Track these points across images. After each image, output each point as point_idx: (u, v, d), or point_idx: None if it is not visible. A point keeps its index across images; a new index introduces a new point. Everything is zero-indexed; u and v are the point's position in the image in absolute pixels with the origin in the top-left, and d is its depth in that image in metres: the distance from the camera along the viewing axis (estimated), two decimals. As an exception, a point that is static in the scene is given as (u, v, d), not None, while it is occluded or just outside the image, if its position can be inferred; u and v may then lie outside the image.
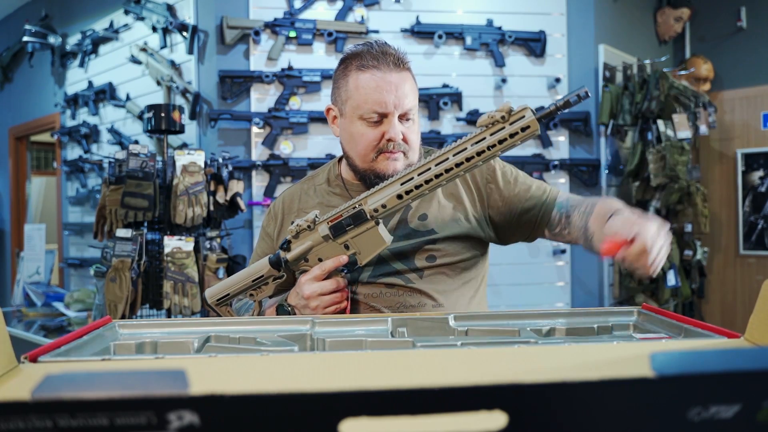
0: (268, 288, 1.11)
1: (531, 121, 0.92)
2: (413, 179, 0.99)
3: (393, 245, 1.15)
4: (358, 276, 1.15)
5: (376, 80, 1.10)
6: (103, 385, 0.28)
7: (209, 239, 2.41)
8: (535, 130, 0.92)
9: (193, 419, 0.29)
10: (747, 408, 0.35)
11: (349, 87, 1.14)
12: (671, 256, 3.32)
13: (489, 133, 0.94)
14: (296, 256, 1.07)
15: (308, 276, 1.05)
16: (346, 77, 1.15)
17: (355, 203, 1.03)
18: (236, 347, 0.84)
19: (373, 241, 1.04)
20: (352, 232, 1.04)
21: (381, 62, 1.11)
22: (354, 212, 1.03)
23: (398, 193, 1.00)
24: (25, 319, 3.20)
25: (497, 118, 0.93)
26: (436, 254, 1.14)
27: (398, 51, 1.14)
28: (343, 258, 1.04)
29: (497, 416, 0.34)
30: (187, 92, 2.97)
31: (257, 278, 1.09)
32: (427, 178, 0.98)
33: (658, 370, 0.33)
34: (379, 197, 1.02)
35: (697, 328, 0.79)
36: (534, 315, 0.95)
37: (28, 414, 0.27)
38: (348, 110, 1.15)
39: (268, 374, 0.54)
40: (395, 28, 3.04)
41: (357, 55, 1.14)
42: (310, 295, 1.03)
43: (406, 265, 1.14)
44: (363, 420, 0.32)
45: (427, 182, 0.98)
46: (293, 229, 1.06)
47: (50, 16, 4.18)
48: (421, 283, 1.14)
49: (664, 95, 3.29)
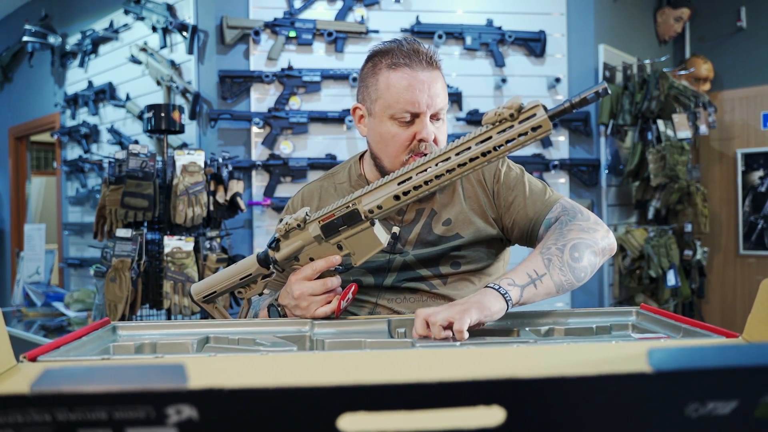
0: (257, 286, 1.06)
1: (543, 120, 0.82)
2: (411, 179, 0.91)
3: (418, 251, 1.13)
4: (382, 281, 1.13)
5: (408, 79, 1.06)
6: (102, 379, 0.28)
7: (209, 239, 2.41)
8: (547, 130, 0.83)
9: (191, 413, 0.29)
10: (744, 404, 0.36)
11: (379, 86, 1.10)
12: (671, 256, 3.32)
13: (496, 131, 0.85)
14: (285, 256, 1.01)
15: (299, 276, 0.99)
16: (375, 75, 1.11)
17: (348, 202, 0.96)
18: (235, 348, 0.84)
19: (368, 242, 0.97)
20: (345, 233, 0.97)
21: (413, 60, 1.07)
22: (347, 212, 0.96)
23: (395, 193, 0.92)
24: (25, 319, 3.20)
25: (506, 115, 0.84)
26: (460, 261, 1.13)
27: (429, 49, 1.11)
28: (336, 258, 0.98)
29: (495, 411, 0.34)
30: (187, 92, 2.97)
31: (245, 277, 1.05)
32: (427, 178, 0.90)
33: (655, 366, 0.33)
34: (375, 197, 0.94)
35: (695, 327, 0.79)
36: (533, 315, 0.95)
37: (26, 408, 0.27)
38: (378, 110, 1.11)
39: (267, 371, 0.54)
40: (395, 28, 3.04)
41: (387, 52, 1.10)
42: (299, 295, 0.98)
43: (431, 271, 1.12)
44: (361, 415, 0.32)
45: (426, 183, 0.91)
46: (282, 228, 1.00)
47: (50, 16, 4.18)
48: (445, 289, 1.13)
49: (664, 95, 3.29)
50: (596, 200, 3.19)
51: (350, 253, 0.99)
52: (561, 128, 3.14)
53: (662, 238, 3.32)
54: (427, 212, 1.17)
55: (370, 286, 1.13)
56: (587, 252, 1.01)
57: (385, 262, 1.13)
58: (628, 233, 3.31)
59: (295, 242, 1.00)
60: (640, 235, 3.31)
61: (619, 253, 3.30)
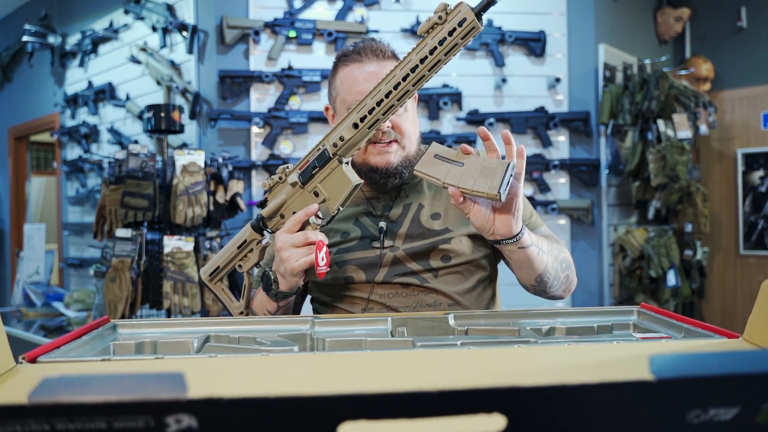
0: (253, 255, 1.10)
1: (466, 12, 0.87)
2: (366, 104, 0.97)
3: (408, 245, 1.14)
4: (374, 277, 1.13)
5: (356, 72, 1.12)
6: (101, 388, 0.28)
7: (209, 239, 2.41)
8: (472, 23, 0.87)
9: (191, 423, 0.29)
10: (746, 410, 0.35)
11: (336, 83, 1.16)
12: (671, 256, 3.32)
13: (430, 37, 0.91)
14: (271, 211, 1.06)
15: (282, 229, 1.03)
16: (334, 75, 1.18)
17: (319, 145, 1.02)
18: (236, 347, 0.83)
19: (339, 182, 1.01)
20: (319, 176, 1.02)
21: (362, 55, 1.13)
22: (318, 154, 1.02)
23: (354, 121, 0.98)
24: (24, 319, 3.20)
25: (434, 19, 0.90)
26: (451, 254, 1.14)
27: (382, 43, 1.16)
28: (313, 207, 1.02)
29: (496, 419, 0.34)
30: (186, 92, 2.97)
31: (241, 244, 1.10)
32: (378, 99, 0.95)
33: (657, 374, 0.33)
34: (337, 132, 1.00)
35: (696, 327, 0.79)
36: (534, 314, 0.95)
37: (25, 418, 0.27)
38: (338, 105, 1.16)
39: (267, 376, 0.54)
40: (395, 28, 3.04)
41: (344, 53, 1.16)
42: (281, 246, 1.01)
43: (422, 266, 1.13)
44: (362, 423, 0.32)
45: (378, 104, 0.95)
46: (267, 183, 1.07)
47: (50, 16, 4.18)
48: (437, 282, 1.13)
49: (664, 95, 3.28)
50: (596, 200, 3.19)
51: (325, 198, 1.03)
52: (561, 128, 3.14)
53: (662, 238, 3.32)
54: (414, 207, 1.18)
55: (362, 282, 1.14)
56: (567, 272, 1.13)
57: (376, 258, 1.13)
58: (628, 233, 3.31)
59: (279, 196, 1.06)
60: (640, 235, 3.31)
61: (619, 253, 3.30)
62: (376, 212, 1.18)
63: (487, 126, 3.03)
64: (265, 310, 1.11)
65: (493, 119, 3.04)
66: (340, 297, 1.16)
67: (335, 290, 1.16)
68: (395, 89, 0.94)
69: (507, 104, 3.12)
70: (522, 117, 3.07)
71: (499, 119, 3.07)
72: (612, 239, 3.29)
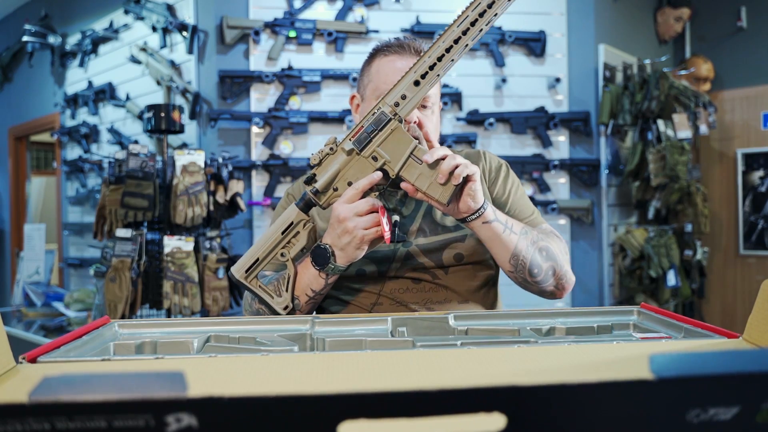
0: (299, 239, 1.02)
1: None
2: (425, 61, 0.96)
3: (422, 241, 1.14)
4: (386, 271, 1.13)
5: (396, 64, 1.14)
6: (101, 387, 0.28)
7: (209, 239, 2.41)
8: None
9: (191, 422, 0.29)
10: (746, 410, 0.35)
11: (371, 71, 1.18)
12: (671, 256, 3.32)
13: None
14: (325, 184, 0.99)
15: (341, 199, 0.99)
16: (370, 64, 1.19)
17: (372, 110, 0.99)
18: (236, 347, 0.83)
19: (400, 143, 0.98)
20: (377, 139, 0.98)
21: (404, 49, 1.16)
22: (374, 117, 0.98)
23: (415, 79, 0.97)
24: (24, 319, 3.20)
25: None
26: (463, 252, 1.14)
27: (422, 44, 1.18)
28: (377, 174, 0.98)
29: (496, 418, 0.34)
30: (187, 92, 2.97)
31: (286, 228, 1.01)
32: (439, 54, 0.95)
33: (656, 373, 0.33)
34: (396, 91, 0.98)
35: (696, 327, 0.79)
36: (534, 314, 0.95)
37: (25, 417, 0.27)
38: (368, 93, 1.17)
39: (267, 375, 0.54)
40: (395, 28, 3.04)
41: (386, 44, 1.19)
42: (345, 216, 0.97)
43: (434, 261, 1.13)
44: (362, 422, 0.32)
45: (439, 59, 0.95)
46: (316, 156, 1.00)
47: (50, 16, 4.18)
48: (447, 279, 1.13)
49: (664, 95, 3.28)
50: (596, 200, 3.19)
51: (386, 162, 0.98)
52: (561, 128, 3.14)
53: (662, 238, 3.32)
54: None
55: (374, 275, 1.13)
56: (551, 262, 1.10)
57: (389, 252, 1.14)
58: (628, 233, 3.31)
59: (331, 168, 1.00)
60: (640, 235, 3.31)
61: (619, 253, 3.31)
62: (389, 206, 1.18)
63: (487, 126, 3.04)
64: (308, 290, 1.05)
65: (493, 119, 3.04)
66: (350, 290, 1.15)
67: (346, 282, 1.15)
68: (456, 43, 0.94)
69: (507, 104, 3.13)
70: (522, 117, 3.08)
71: (499, 119, 3.07)
72: (612, 239, 3.29)
